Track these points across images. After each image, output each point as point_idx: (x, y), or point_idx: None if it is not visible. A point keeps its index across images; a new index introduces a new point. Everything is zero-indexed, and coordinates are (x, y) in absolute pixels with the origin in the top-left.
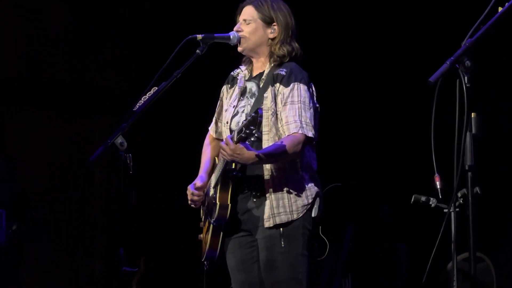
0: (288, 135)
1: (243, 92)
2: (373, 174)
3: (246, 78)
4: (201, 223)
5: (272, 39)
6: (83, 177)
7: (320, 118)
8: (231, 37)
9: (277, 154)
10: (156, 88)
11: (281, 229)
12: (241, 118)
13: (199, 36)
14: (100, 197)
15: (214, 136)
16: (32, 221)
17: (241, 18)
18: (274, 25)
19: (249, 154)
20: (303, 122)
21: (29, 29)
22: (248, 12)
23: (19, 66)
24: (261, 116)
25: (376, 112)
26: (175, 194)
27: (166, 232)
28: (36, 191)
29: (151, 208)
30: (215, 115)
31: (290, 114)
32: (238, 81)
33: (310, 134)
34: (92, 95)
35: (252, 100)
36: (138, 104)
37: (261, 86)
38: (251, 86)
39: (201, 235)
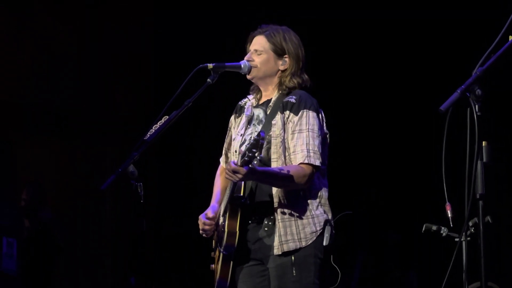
0: (295, 165)
1: (250, 120)
2: (383, 201)
3: (254, 106)
4: (213, 253)
5: (283, 71)
6: (93, 204)
7: (330, 144)
8: (242, 66)
9: (279, 177)
10: (167, 117)
11: (292, 257)
12: None
13: (210, 65)
14: (110, 224)
15: (224, 167)
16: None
17: (252, 47)
18: (286, 57)
19: (253, 171)
20: (310, 151)
21: (38, 56)
22: (260, 43)
23: (27, 92)
24: (263, 139)
25: (388, 140)
26: (186, 223)
27: (177, 261)
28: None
29: (163, 236)
30: (225, 145)
31: (298, 143)
32: (246, 109)
33: (317, 162)
34: (100, 118)
35: (259, 127)
36: (149, 133)
37: (268, 113)
38: (259, 112)
39: (213, 266)
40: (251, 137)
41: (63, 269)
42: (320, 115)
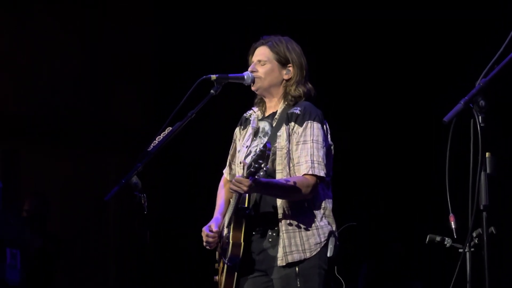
0: (299, 176)
1: (256, 132)
2: (387, 213)
3: (259, 118)
4: (216, 265)
5: (287, 80)
6: (97, 215)
7: (334, 156)
8: (245, 77)
9: (283, 188)
10: (171, 128)
11: (297, 268)
12: None
13: (213, 76)
14: (114, 235)
15: (228, 179)
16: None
17: (255, 58)
18: (289, 66)
19: (257, 183)
20: (314, 162)
21: (38, 56)
22: (263, 53)
23: (26, 93)
24: (269, 150)
25: (391, 149)
26: (190, 234)
27: (181, 271)
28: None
29: (166, 247)
30: (229, 157)
31: (302, 155)
32: (251, 121)
33: (322, 173)
34: (104, 128)
35: (265, 139)
36: (152, 144)
37: (274, 125)
38: (264, 125)
39: (217, 277)
40: (256, 149)
41: (66, 279)
42: (324, 126)
